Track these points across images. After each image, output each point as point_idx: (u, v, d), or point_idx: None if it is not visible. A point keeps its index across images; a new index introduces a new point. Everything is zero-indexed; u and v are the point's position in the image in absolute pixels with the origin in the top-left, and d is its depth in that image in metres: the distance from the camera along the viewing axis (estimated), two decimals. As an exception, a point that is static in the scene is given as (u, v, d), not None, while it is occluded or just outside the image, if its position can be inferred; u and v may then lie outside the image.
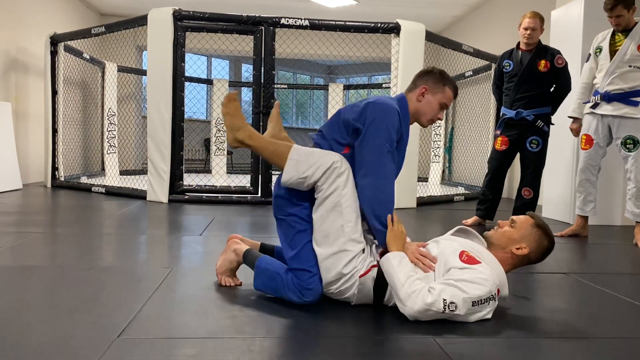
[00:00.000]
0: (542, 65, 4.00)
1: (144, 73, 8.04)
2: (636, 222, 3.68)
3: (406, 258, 1.85)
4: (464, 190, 7.09)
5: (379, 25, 5.28)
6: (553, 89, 4.11)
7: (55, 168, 6.48)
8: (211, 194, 5.42)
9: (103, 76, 8.07)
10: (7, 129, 5.89)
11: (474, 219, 4.34)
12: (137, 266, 2.60)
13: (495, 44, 6.89)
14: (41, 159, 6.66)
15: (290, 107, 13.96)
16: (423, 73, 2.17)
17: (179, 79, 5.21)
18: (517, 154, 4.27)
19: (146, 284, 2.22)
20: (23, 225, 3.68)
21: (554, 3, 5.28)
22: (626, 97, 3.62)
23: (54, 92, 6.41)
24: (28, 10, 6.69)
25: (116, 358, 1.45)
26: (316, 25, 5.33)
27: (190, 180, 5.80)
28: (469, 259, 1.84)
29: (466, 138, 7.81)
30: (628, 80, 3.62)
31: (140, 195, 5.39)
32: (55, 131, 6.45)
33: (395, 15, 6.53)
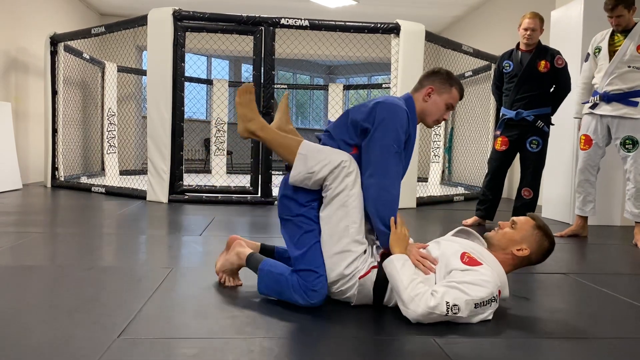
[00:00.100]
0: (542, 65, 4.00)
1: (144, 73, 8.03)
2: (635, 222, 3.68)
3: (409, 261, 1.85)
4: (464, 190, 7.09)
5: (379, 25, 5.28)
6: (553, 90, 4.11)
7: (55, 168, 6.48)
8: (211, 194, 5.42)
9: (103, 76, 8.07)
10: (7, 129, 5.89)
11: (474, 219, 4.34)
12: (137, 266, 2.60)
13: (495, 44, 6.89)
14: (41, 159, 6.66)
15: (290, 108, 13.96)
16: (429, 73, 2.16)
17: (179, 79, 5.21)
18: (517, 155, 4.28)
19: (146, 284, 2.22)
20: (23, 225, 3.68)
21: (554, 3, 5.29)
22: (625, 98, 3.63)
23: (54, 92, 6.41)
24: (28, 10, 6.69)
25: (116, 358, 1.46)
26: (316, 25, 5.33)
27: (190, 180, 5.80)
28: (471, 261, 1.85)
29: (466, 138, 7.82)
30: (627, 80, 3.62)
31: (140, 195, 5.39)
32: (55, 131, 6.45)
33: (395, 15, 6.54)
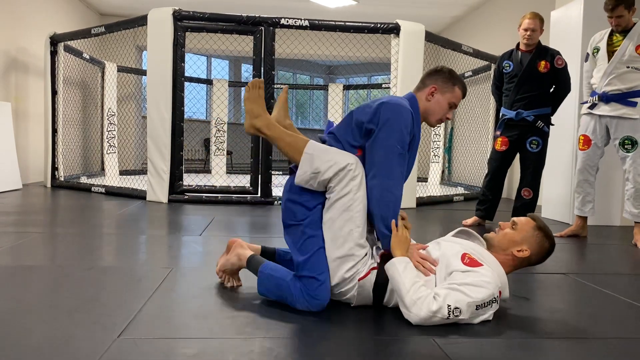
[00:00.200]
0: (542, 66, 4.00)
1: (144, 73, 8.04)
2: (635, 223, 3.69)
3: (411, 263, 1.85)
4: (464, 190, 7.09)
5: (379, 25, 5.28)
6: (553, 90, 4.11)
7: (55, 168, 6.48)
8: (211, 194, 5.42)
9: (103, 76, 8.07)
10: (7, 129, 5.89)
11: (474, 219, 4.35)
12: (137, 266, 2.60)
13: (494, 45, 6.89)
14: (41, 159, 6.66)
15: (289, 107, 13.96)
16: (432, 72, 2.14)
17: (179, 79, 5.21)
18: (517, 155, 4.28)
19: (146, 284, 2.22)
20: (23, 225, 3.68)
21: (554, 3, 5.29)
22: (624, 98, 3.63)
23: (54, 92, 6.41)
24: (28, 10, 6.69)
25: (116, 358, 1.46)
26: (316, 25, 5.34)
27: (190, 180, 5.80)
28: (471, 262, 1.85)
29: (466, 138, 7.82)
30: (626, 81, 3.62)
31: (140, 195, 5.39)
32: (55, 131, 6.45)
33: (395, 15, 6.54)
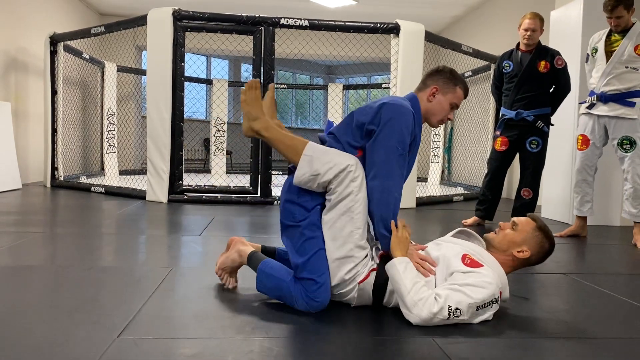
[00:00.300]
0: (542, 66, 4.00)
1: (144, 73, 8.03)
2: (634, 223, 3.69)
3: (411, 264, 1.84)
4: (463, 190, 7.09)
5: (379, 25, 5.28)
6: (553, 90, 4.11)
7: (54, 168, 6.48)
8: (211, 194, 5.41)
9: (103, 76, 8.07)
10: (7, 129, 5.89)
11: (474, 219, 4.35)
12: (137, 266, 2.60)
13: (494, 44, 6.89)
14: (41, 159, 6.66)
15: (289, 107, 13.96)
16: (433, 72, 2.12)
17: (179, 79, 5.21)
18: (517, 155, 4.28)
19: (146, 284, 2.22)
20: (22, 225, 3.68)
21: (554, 3, 5.29)
22: (622, 98, 3.63)
23: (54, 92, 6.41)
24: (28, 10, 6.69)
25: (116, 358, 1.46)
26: (316, 25, 5.33)
27: (189, 180, 5.80)
28: (472, 262, 1.85)
29: (465, 138, 7.82)
30: (624, 81, 3.62)
31: (139, 195, 5.39)
32: (54, 131, 6.45)
33: (394, 15, 6.55)
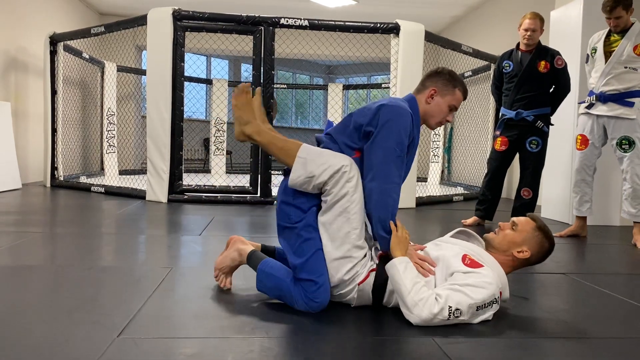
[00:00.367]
0: (542, 66, 4.00)
1: (144, 73, 8.04)
2: (634, 223, 3.69)
3: (411, 264, 1.84)
4: (463, 190, 7.09)
5: (379, 25, 5.28)
6: (552, 90, 4.11)
7: (54, 168, 6.48)
8: (210, 194, 5.41)
9: (102, 76, 8.07)
10: (7, 129, 5.89)
11: (474, 219, 4.35)
12: (137, 266, 2.60)
13: (494, 44, 6.89)
14: (40, 159, 6.66)
15: (289, 107, 13.97)
16: (432, 74, 2.11)
17: (179, 79, 5.21)
18: (517, 155, 4.28)
19: (146, 284, 2.22)
20: (22, 225, 3.68)
21: (553, 3, 5.29)
22: (621, 98, 3.63)
23: (54, 92, 6.41)
24: (28, 9, 6.69)
25: (116, 358, 1.46)
26: (316, 25, 5.33)
27: (189, 180, 5.80)
28: (472, 263, 1.85)
29: (465, 138, 7.82)
30: (623, 81, 3.63)
31: (139, 195, 5.39)
32: (54, 131, 6.45)
33: (394, 15, 6.55)
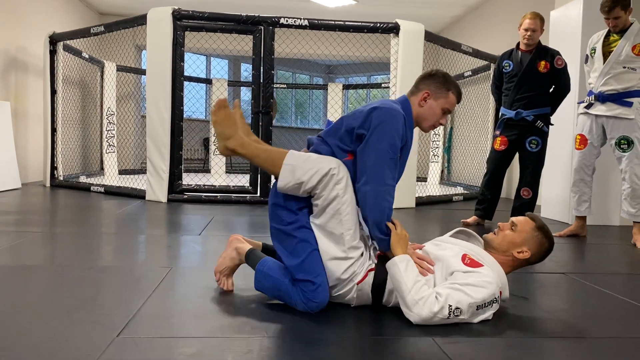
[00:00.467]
0: (542, 66, 4.00)
1: (143, 72, 8.03)
2: (634, 222, 3.69)
3: (412, 262, 1.84)
4: (463, 190, 7.09)
5: (378, 25, 5.28)
6: (552, 90, 4.11)
7: (54, 167, 6.47)
8: (210, 194, 5.41)
9: (102, 75, 8.07)
10: (6, 128, 5.88)
11: (473, 219, 4.35)
12: (136, 266, 2.60)
13: (494, 44, 6.89)
14: (40, 158, 6.65)
15: (289, 107, 13.97)
16: (426, 76, 2.10)
17: (178, 79, 5.20)
18: (516, 154, 4.28)
19: (145, 284, 2.22)
20: (22, 224, 3.68)
21: (553, 3, 5.29)
22: (620, 98, 3.64)
23: (53, 92, 6.41)
24: (28, 9, 6.68)
25: (115, 357, 1.46)
26: (315, 25, 5.33)
27: (189, 179, 5.80)
28: (472, 262, 1.85)
29: (465, 138, 7.82)
30: (622, 81, 3.63)
31: (139, 194, 5.39)
32: (54, 130, 6.44)
33: (394, 15, 6.54)
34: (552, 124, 4.18)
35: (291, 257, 1.90)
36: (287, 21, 5.23)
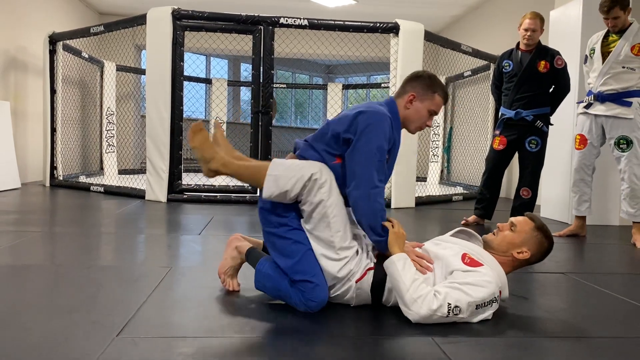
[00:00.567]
0: (542, 65, 4.00)
1: (143, 72, 8.02)
2: (633, 222, 3.69)
3: (409, 260, 1.84)
4: (463, 190, 7.09)
5: (378, 25, 5.28)
6: (552, 90, 4.11)
7: (53, 167, 6.47)
8: (210, 194, 5.41)
9: (102, 75, 8.06)
10: (6, 128, 5.88)
11: (473, 218, 4.35)
12: (136, 265, 2.60)
13: (494, 44, 6.89)
14: (40, 158, 6.65)
15: (289, 107, 13.97)
16: (412, 78, 2.10)
17: (178, 78, 5.20)
18: (516, 154, 4.28)
19: (145, 283, 2.22)
20: (22, 224, 3.68)
21: (553, 3, 5.29)
22: (619, 98, 3.64)
23: (53, 91, 6.40)
24: (27, 9, 6.68)
25: (115, 357, 1.46)
26: (315, 24, 5.33)
27: (189, 179, 5.79)
28: (472, 262, 1.85)
29: (465, 138, 7.82)
30: (621, 80, 3.63)
31: (139, 194, 5.39)
32: (54, 130, 6.44)
33: (394, 15, 6.54)
34: (552, 124, 4.18)
35: (286, 259, 1.91)
36: (287, 21, 5.23)
